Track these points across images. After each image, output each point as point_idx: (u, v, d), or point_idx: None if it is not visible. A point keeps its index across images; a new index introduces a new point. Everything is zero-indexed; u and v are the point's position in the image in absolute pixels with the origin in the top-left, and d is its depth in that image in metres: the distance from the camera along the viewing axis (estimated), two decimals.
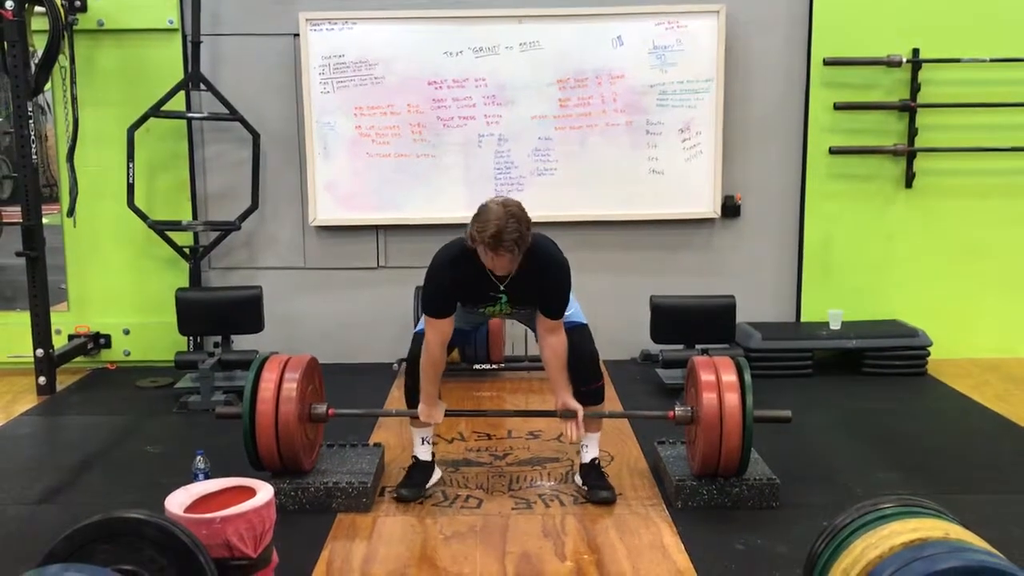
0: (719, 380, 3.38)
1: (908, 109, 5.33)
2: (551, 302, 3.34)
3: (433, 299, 3.33)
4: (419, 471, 3.59)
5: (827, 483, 3.67)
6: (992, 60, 5.27)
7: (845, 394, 4.91)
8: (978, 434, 4.35)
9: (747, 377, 3.37)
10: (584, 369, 3.48)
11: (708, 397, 3.34)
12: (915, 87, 5.31)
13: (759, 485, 3.42)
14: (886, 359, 5.18)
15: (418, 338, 3.48)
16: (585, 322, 3.53)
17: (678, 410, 3.52)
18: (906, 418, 4.54)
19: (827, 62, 5.31)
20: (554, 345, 3.39)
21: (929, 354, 5.23)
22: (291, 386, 3.40)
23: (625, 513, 3.40)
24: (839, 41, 5.30)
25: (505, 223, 2.98)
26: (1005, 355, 5.56)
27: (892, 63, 5.28)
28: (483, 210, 3.06)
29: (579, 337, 3.46)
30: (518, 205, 3.08)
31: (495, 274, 3.22)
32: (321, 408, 3.54)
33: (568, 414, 3.40)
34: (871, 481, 3.67)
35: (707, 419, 3.31)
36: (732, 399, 3.32)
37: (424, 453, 3.61)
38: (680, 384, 4.82)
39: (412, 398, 3.54)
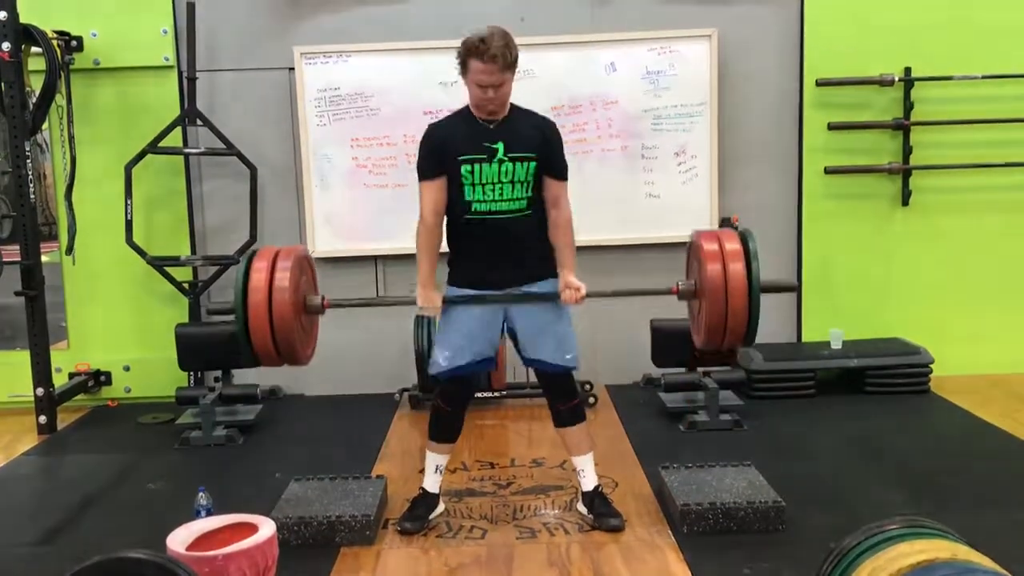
0: (723, 249, 3.32)
1: (902, 127, 5.35)
2: (552, 156, 3.39)
3: (425, 158, 3.37)
4: (423, 503, 3.56)
5: (832, 505, 3.65)
6: (984, 77, 5.29)
7: (848, 414, 4.88)
8: (983, 451, 4.32)
9: (752, 245, 3.31)
10: (559, 386, 3.48)
11: (712, 268, 3.28)
12: (908, 105, 5.33)
13: (764, 508, 3.40)
14: (889, 377, 5.16)
15: (441, 384, 3.52)
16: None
17: (681, 284, 3.49)
18: (910, 437, 4.52)
19: (820, 83, 5.33)
20: (556, 219, 3.44)
21: (932, 371, 5.21)
22: (283, 275, 3.31)
23: (631, 540, 3.38)
24: (831, 62, 5.33)
25: (492, 32, 3.17)
26: (1009, 371, 5.53)
27: (885, 82, 5.30)
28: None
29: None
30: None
31: (487, 113, 3.30)
32: (316, 299, 3.48)
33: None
34: (877, 502, 3.65)
35: (711, 287, 3.26)
36: (736, 268, 3.26)
37: (433, 485, 3.58)
38: (683, 408, 4.81)
39: (437, 430, 3.54)
